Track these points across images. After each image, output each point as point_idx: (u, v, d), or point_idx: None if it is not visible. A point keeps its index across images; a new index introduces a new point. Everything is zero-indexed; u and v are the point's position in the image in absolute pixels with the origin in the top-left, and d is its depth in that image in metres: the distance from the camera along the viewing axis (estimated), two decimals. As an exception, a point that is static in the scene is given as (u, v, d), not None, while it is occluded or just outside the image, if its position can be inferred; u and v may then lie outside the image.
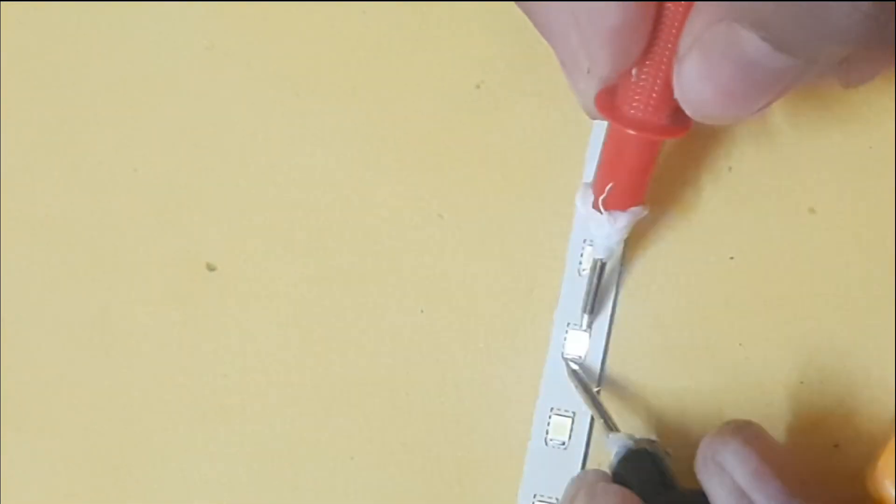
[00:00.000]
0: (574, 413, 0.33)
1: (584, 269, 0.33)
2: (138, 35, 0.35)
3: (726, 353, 0.33)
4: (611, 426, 0.31)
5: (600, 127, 0.32)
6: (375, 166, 0.34)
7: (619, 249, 0.32)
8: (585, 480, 0.30)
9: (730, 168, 0.33)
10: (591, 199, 0.30)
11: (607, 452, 0.30)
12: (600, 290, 0.32)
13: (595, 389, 0.32)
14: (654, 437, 0.31)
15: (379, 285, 0.34)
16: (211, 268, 0.34)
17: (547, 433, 0.33)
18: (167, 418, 0.34)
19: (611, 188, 0.29)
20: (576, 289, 0.33)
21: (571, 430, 0.32)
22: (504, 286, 0.33)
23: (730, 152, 0.33)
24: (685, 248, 0.33)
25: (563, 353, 0.33)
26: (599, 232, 0.30)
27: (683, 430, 0.33)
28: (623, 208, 0.30)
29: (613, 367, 0.33)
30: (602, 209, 0.30)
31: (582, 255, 0.33)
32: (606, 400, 0.32)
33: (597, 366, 0.33)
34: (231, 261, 0.34)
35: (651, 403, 0.33)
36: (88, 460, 0.34)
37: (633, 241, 0.33)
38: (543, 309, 0.33)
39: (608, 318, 0.33)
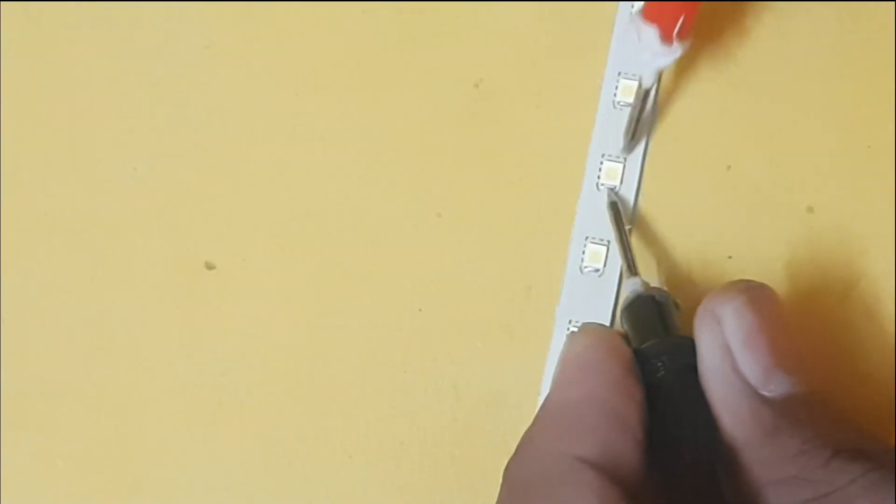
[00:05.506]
0: (573, 412, 0.32)
1: (619, 102, 0.33)
2: (137, 34, 0.35)
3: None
4: (632, 269, 0.30)
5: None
6: (374, 164, 0.34)
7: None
8: None
9: (729, 167, 0.33)
10: (648, 31, 0.30)
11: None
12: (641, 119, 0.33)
13: (627, 227, 0.32)
14: (665, 289, 0.30)
15: (377, 284, 0.34)
16: (210, 266, 0.34)
17: (545, 432, 0.32)
18: (164, 416, 0.33)
19: (683, 20, 0.30)
20: (611, 122, 0.34)
21: (570, 428, 0.32)
22: (503, 285, 0.33)
23: (728, 151, 0.33)
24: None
25: (599, 183, 0.33)
26: (657, 63, 0.31)
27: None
28: (681, 39, 0.30)
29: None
30: (677, 40, 0.30)
31: (617, 89, 0.34)
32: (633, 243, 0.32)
33: (631, 198, 0.33)
34: (230, 259, 0.34)
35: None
36: (87, 457, 0.33)
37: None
38: (542, 308, 0.33)
39: (643, 150, 0.33)
